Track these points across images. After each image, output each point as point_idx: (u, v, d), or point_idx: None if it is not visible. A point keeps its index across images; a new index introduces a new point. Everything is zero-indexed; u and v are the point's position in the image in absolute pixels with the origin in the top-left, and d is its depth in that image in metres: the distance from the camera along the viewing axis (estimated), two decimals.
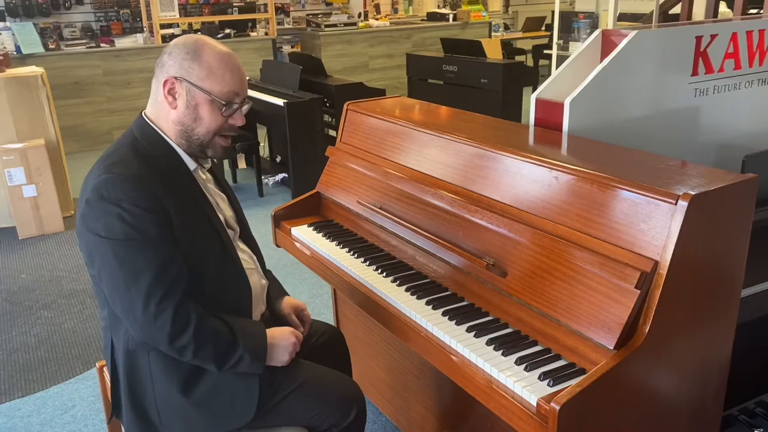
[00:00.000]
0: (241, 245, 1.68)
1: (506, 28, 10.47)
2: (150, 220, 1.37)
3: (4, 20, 6.76)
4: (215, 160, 1.66)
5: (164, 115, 1.50)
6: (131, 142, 1.48)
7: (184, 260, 1.42)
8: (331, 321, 2.46)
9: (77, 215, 1.45)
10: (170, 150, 1.50)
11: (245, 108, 1.54)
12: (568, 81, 1.95)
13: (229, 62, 1.48)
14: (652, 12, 4.72)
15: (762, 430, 2.08)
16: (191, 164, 1.54)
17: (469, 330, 1.50)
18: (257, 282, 1.65)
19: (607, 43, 2.03)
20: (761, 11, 3.95)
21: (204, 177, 1.61)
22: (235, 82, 1.48)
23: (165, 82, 1.46)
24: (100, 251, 1.38)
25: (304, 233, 2.13)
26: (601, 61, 1.95)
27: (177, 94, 1.47)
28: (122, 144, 1.49)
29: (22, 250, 4.24)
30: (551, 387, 1.28)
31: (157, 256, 1.37)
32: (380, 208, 1.96)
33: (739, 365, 1.60)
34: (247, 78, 1.61)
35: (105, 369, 1.85)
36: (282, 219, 2.25)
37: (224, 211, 1.65)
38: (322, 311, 3.23)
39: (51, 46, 6.67)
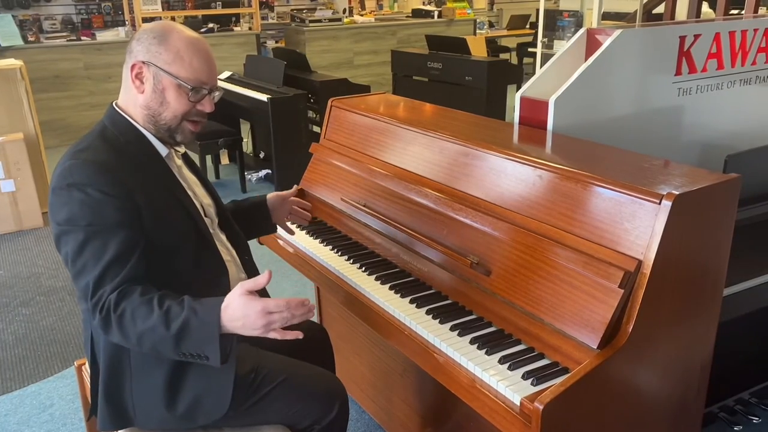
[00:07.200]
0: (221, 235, 1.66)
1: (491, 25, 10.50)
2: (114, 205, 1.36)
3: None
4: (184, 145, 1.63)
5: (133, 100, 1.50)
6: (101, 131, 1.49)
7: (149, 250, 1.39)
8: (315, 318, 2.44)
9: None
10: (139, 136, 1.50)
11: (216, 96, 1.53)
12: (552, 79, 1.95)
13: (198, 47, 1.46)
14: (635, 11, 4.75)
15: (741, 427, 2.10)
16: (163, 150, 1.53)
17: (452, 329, 1.49)
18: (234, 275, 1.63)
19: (592, 42, 2.04)
20: (743, 12, 3.99)
21: (178, 163, 1.60)
22: (202, 68, 1.46)
23: (132, 67, 1.47)
24: (64, 238, 1.38)
25: None
26: (586, 59, 1.95)
27: (144, 78, 1.47)
28: (92, 132, 1.50)
29: (0, 246, 4.17)
30: (535, 386, 1.28)
31: (115, 244, 1.35)
32: (364, 206, 1.95)
33: (719, 363, 1.61)
34: (231, 74, 1.59)
35: (84, 367, 1.82)
36: None
37: (201, 198, 1.63)
38: None
39: (31, 39, 6.56)
